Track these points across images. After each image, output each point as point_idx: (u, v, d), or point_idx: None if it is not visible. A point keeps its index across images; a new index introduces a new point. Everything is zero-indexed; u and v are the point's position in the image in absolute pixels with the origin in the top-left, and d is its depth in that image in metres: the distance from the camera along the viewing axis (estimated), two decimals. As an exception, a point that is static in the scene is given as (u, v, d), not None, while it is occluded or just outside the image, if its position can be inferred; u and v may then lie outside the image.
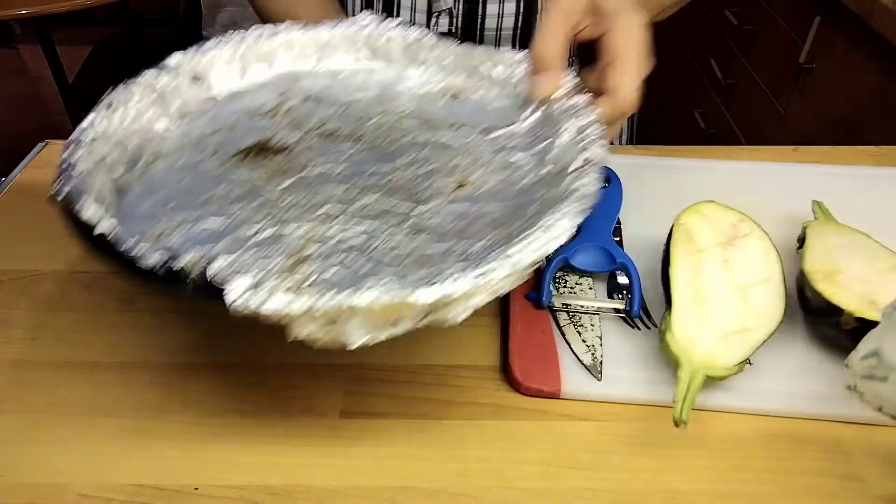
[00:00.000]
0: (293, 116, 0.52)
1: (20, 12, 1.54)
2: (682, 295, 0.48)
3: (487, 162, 0.48)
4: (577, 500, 0.41)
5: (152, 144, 0.49)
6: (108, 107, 0.48)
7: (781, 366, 0.48)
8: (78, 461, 0.43)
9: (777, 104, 1.51)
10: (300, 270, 0.38)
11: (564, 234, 0.37)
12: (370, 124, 0.52)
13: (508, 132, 0.50)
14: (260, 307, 0.33)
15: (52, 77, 1.91)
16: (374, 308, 0.33)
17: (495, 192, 0.45)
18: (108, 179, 0.44)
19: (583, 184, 0.40)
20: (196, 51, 0.54)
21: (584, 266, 0.54)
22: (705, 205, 0.54)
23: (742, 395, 0.46)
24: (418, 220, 0.43)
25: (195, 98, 0.53)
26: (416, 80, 0.56)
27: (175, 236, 0.41)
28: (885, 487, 0.42)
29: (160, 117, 0.51)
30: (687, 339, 0.45)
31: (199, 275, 0.34)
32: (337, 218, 0.43)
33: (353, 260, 0.40)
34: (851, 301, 0.46)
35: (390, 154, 0.49)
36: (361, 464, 0.43)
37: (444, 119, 0.52)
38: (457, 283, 0.34)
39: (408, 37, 0.56)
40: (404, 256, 0.40)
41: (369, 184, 0.46)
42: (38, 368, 0.49)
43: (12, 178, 0.67)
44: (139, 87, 0.50)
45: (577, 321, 0.51)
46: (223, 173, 0.47)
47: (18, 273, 0.56)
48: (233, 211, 0.43)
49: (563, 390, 0.46)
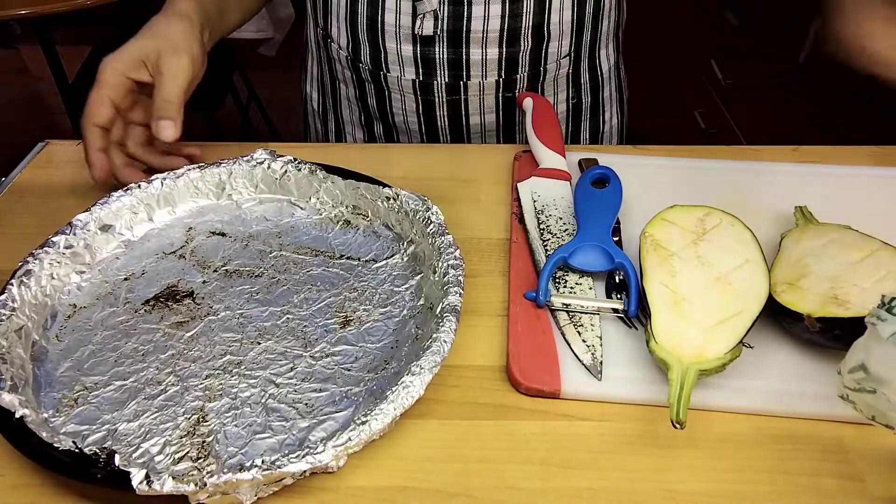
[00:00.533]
0: (199, 256, 0.57)
1: (20, 12, 1.54)
2: (659, 301, 0.48)
3: (371, 295, 0.53)
4: (577, 500, 0.41)
5: (69, 298, 0.53)
6: (25, 275, 0.51)
7: (780, 366, 0.48)
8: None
9: (777, 104, 1.51)
10: (199, 432, 0.44)
11: (418, 393, 0.42)
12: (269, 258, 0.57)
13: (391, 263, 0.56)
14: (159, 490, 0.38)
15: (52, 77, 1.90)
16: (256, 481, 0.38)
17: (375, 329, 0.50)
18: (26, 351, 0.48)
19: (439, 335, 0.45)
20: (100, 205, 0.57)
21: (582, 265, 0.54)
22: (668, 211, 0.54)
23: (741, 395, 0.46)
24: (306, 366, 0.48)
25: (106, 246, 0.57)
26: (311, 210, 0.61)
27: (87, 405, 0.45)
28: (885, 487, 0.42)
29: (74, 272, 0.55)
30: (672, 341, 0.45)
31: (105, 467, 0.39)
32: (234, 370, 0.48)
33: (248, 414, 0.45)
34: (811, 303, 0.46)
35: (285, 292, 0.54)
36: (361, 464, 0.43)
37: (336, 249, 0.57)
38: (321, 455, 0.39)
39: (301, 170, 0.61)
40: (291, 405, 0.45)
41: (266, 326, 0.51)
42: (37, 368, 0.49)
43: (12, 178, 0.68)
44: (51, 249, 0.53)
45: (577, 321, 0.51)
46: (134, 324, 0.51)
47: (18, 273, 0.56)
48: (141, 369, 0.48)
49: (562, 390, 0.46)
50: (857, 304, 0.45)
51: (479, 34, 0.70)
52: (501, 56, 0.72)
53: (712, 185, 0.63)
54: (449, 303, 0.48)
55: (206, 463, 0.42)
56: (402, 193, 0.57)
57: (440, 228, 0.54)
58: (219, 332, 0.50)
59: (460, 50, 0.71)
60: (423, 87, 0.74)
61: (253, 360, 0.48)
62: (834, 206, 0.58)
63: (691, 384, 0.43)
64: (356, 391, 0.46)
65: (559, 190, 0.62)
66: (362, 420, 0.41)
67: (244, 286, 0.54)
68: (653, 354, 0.46)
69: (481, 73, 0.73)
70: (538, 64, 0.73)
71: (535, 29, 0.70)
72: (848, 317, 0.44)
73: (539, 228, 0.58)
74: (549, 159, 0.64)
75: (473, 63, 0.72)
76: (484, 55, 0.71)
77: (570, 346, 0.49)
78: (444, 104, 0.75)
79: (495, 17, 0.69)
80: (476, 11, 0.69)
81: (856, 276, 0.47)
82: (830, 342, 0.46)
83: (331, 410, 0.45)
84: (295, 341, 0.50)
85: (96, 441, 0.43)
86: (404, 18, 0.70)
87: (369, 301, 0.53)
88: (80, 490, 0.42)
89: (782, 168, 0.67)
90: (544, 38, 0.72)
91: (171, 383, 0.47)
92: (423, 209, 0.56)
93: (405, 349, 0.49)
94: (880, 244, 0.50)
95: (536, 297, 0.52)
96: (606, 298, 0.53)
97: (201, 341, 0.50)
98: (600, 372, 0.47)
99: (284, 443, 0.43)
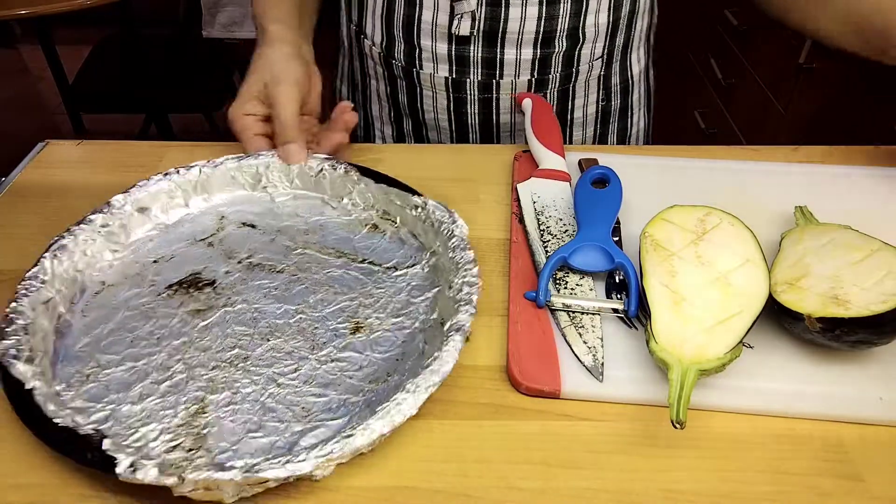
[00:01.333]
0: (227, 245, 0.58)
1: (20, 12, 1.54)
2: (659, 301, 0.48)
3: (386, 304, 0.53)
4: (577, 500, 0.41)
5: (99, 275, 0.54)
6: (59, 249, 0.52)
7: (780, 366, 0.48)
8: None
9: (777, 104, 1.51)
10: (196, 423, 0.44)
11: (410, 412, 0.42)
12: (293, 254, 0.57)
13: (411, 273, 0.55)
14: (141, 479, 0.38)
15: (52, 77, 1.91)
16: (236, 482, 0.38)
17: (384, 339, 0.50)
18: (50, 323, 0.49)
19: (441, 354, 0.45)
20: (138, 188, 0.58)
21: (582, 265, 0.54)
22: (668, 211, 0.54)
23: (741, 395, 0.46)
24: (310, 368, 0.48)
25: (141, 227, 0.58)
26: (342, 210, 0.61)
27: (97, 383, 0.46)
28: (885, 487, 0.42)
29: (108, 250, 0.56)
30: (671, 341, 0.45)
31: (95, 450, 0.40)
32: (240, 365, 0.48)
33: (246, 411, 0.45)
34: (812, 303, 0.46)
35: (303, 291, 0.54)
36: (361, 464, 0.43)
37: (359, 253, 0.57)
38: (302, 463, 0.39)
39: (337, 170, 0.61)
40: (288, 407, 0.45)
41: (278, 324, 0.51)
42: (38, 368, 0.49)
43: (12, 178, 0.68)
44: (87, 226, 0.55)
45: (578, 322, 0.51)
46: (155, 307, 0.52)
47: (18, 273, 0.56)
48: (153, 353, 0.49)
49: (562, 390, 0.46)
50: (857, 304, 0.45)
51: (515, 35, 0.70)
52: (535, 57, 0.72)
53: (712, 185, 0.63)
54: (457, 321, 0.47)
55: (196, 455, 0.42)
56: (429, 203, 0.57)
57: (462, 243, 0.53)
58: (232, 324, 0.51)
59: (495, 50, 0.71)
60: (455, 84, 0.74)
61: (259, 357, 0.49)
62: (834, 206, 0.58)
63: (691, 384, 0.43)
64: (354, 400, 0.46)
65: (559, 191, 0.62)
66: (348, 433, 0.40)
67: (264, 281, 0.54)
68: (653, 354, 0.46)
69: (514, 72, 0.73)
70: (571, 65, 0.74)
71: (570, 31, 0.71)
72: (849, 317, 0.44)
73: (539, 230, 0.58)
74: (549, 160, 0.64)
75: (507, 63, 0.72)
76: (518, 55, 0.72)
77: (571, 347, 0.49)
78: (475, 101, 0.76)
79: (532, 19, 0.70)
80: (513, 13, 0.69)
81: (856, 276, 0.47)
82: (831, 342, 0.46)
83: (325, 417, 0.45)
84: (303, 342, 0.50)
85: (98, 420, 0.44)
86: (441, 17, 0.70)
87: (383, 309, 0.52)
88: (80, 490, 0.42)
89: (782, 168, 0.67)
90: (579, 41, 0.72)
91: (179, 371, 0.47)
92: (448, 221, 0.55)
93: (409, 363, 0.48)
94: (881, 244, 0.50)
95: (536, 297, 0.52)
96: (606, 298, 0.53)
97: (214, 332, 0.50)
98: (601, 373, 0.47)
99: (275, 445, 0.43)
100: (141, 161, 0.69)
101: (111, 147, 0.71)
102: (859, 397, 0.46)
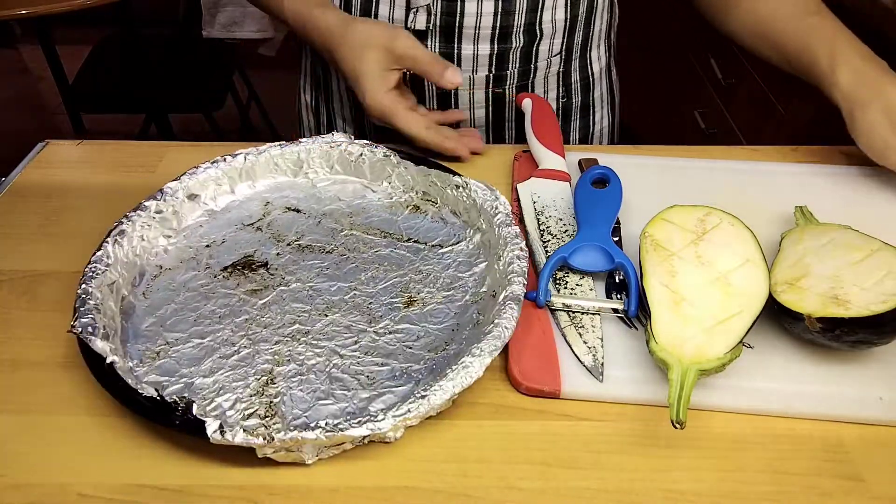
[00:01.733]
0: (275, 229, 0.60)
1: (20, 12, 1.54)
2: (659, 301, 0.48)
3: (435, 279, 0.55)
4: (577, 500, 0.41)
5: (156, 259, 0.57)
6: (119, 234, 0.55)
7: (780, 366, 0.48)
8: (78, 461, 0.43)
9: (777, 104, 1.51)
10: (268, 392, 0.46)
11: (476, 374, 0.44)
12: (340, 235, 0.59)
13: (456, 250, 0.57)
14: (230, 440, 0.41)
15: (52, 77, 1.90)
16: (319, 441, 0.41)
17: (437, 311, 0.52)
18: (116, 305, 0.51)
19: (501, 321, 0.47)
20: (188, 175, 0.60)
21: (582, 265, 0.54)
22: (667, 211, 0.54)
23: (741, 395, 0.46)
24: (370, 340, 0.50)
25: (192, 214, 0.60)
26: (382, 193, 0.63)
27: (168, 359, 0.49)
28: (885, 487, 0.42)
29: (162, 235, 0.58)
30: (672, 342, 0.45)
31: (183, 415, 0.42)
32: (302, 339, 0.50)
33: (313, 381, 0.47)
34: (812, 303, 0.46)
35: (354, 269, 0.56)
36: (361, 464, 0.43)
37: (404, 233, 0.59)
38: (381, 423, 0.41)
39: (376, 154, 0.63)
40: (353, 376, 0.48)
41: (334, 300, 0.53)
42: (38, 368, 0.49)
43: (12, 178, 0.68)
44: (143, 212, 0.57)
45: (578, 322, 0.51)
46: (213, 288, 0.54)
47: (18, 273, 0.56)
48: (217, 330, 0.51)
49: (562, 390, 0.46)
50: (857, 304, 0.45)
51: (472, 30, 0.70)
52: (493, 52, 0.72)
53: (712, 185, 0.63)
54: (512, 291, 0.49)
55: (272, 421, 0.44)
56: (471, 182, 0.59)
57: (507, 219, 0.55)
58: (289, 301, 0.53)
59: (452, 45, 0.71)
60: (413, 80, 0.74)
61: (320, 331, 0.51)
62: (834, 206, 0.58)
63: (691, 384, 0.43)
64: (416, 368, 0.48)
65: (559, 191, 0.62)
66: (422, 394, 0.43)
67: (315, 261, 0.57)
68: (653, 355, 0.46)
69: (472, 67, 0.73)
70: (529, 61, 0.74)
71: (527, 27, 0.71)
72: (849, 317, 0.44)
73: (539, 230, 0.58)
74: (549, 160, 0.64)
75: (465, 58, 0.72)
76: (476, 51, 0.72)
77: (571, 347, 0.49)
78: (434, 97, 0.76)
79: (488, 14, 0.70)
80: (469, 8, 0.69)
81: (856, 277, 0.47)
82: (831, 342, 0.46)
83: (391, 384, 0.47)
84: (360, 316, 0.52)
85: (175, 391, 0.46)
86: (398, 12, 0.71)
87: (433, 284, 0.54)
88: (80, 489, 0.42)
89: (782, 168, 0.67)
90: (536, 37, 0.72)
91: (244, 345, 0.50)
92: (491, 199, 0.57)
93: (466, 333, 0.50)
94: (881, 244, 0.50)
95: (536, 297, 0.52)
96: (606, 298, 0.53)
97: (273, 309, 0.52)
98: (602, 374, 0.47)
99: (345, 410, 0.45)
100: (141, 161, 0.69)
101: (111, 147, 0.71)
102: (859, 397, 0.46)
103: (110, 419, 0.45)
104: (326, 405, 0.46)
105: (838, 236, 0.52)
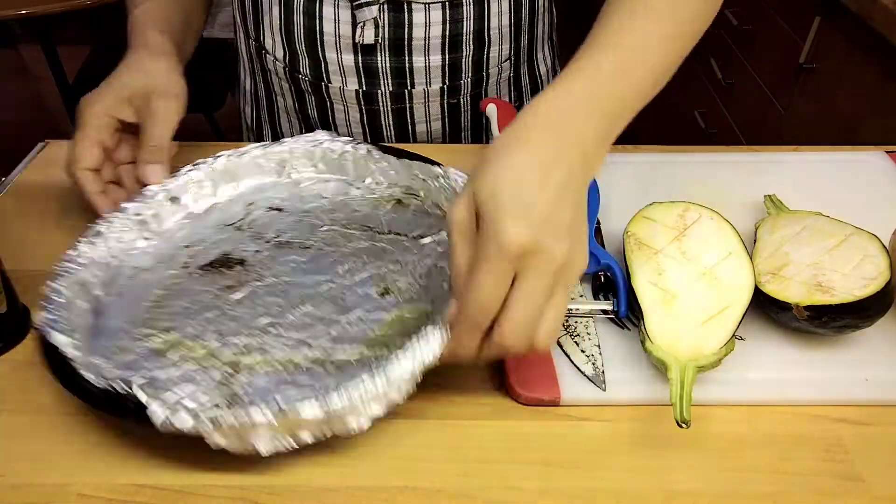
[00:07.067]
0: (255, 228, 0.59)
1: (20, 12, 1.54)
2: (650, 300, 0.48)
3: (414, 268, 0.54)
4: (577, 500, 0.41)
5: (133, 260, 0.56)
6: (94, 235, 0.54)
7: (772, 356, 0.48)
8: (78, 461, 0.43)
9: (777, 104, 1.51)
10: (230, 383, 0.46)
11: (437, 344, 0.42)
12: (321, 232, 0.58)
13: (437, 239, 0.56)
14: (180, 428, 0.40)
15: (52, 77, 1.90)
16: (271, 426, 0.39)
17: (413, 299, 0.51)
18: (87, 304, 0.51)
19: None
20: (171, 178, 0.60)
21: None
22: (647, 209, 0.54)
23: (737, 388, 0.46)
24: (341, 330, 0.49)
25: (173, 216, 0.60)
26: (365, 189, 0.63)
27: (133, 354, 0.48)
28: (885, 487, 0.42)
29: (141, 237, 0.58)
30: (667, 340, 0.45)
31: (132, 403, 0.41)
32: (272, 331, 0.49)
33: (279, 371, 0.46)
34: (797, 292, 0.47)
35: (331, 263, 0.55)
36: (362, 464, 0.43)
37: (385, 226, 0.59)
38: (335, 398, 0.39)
39: (359, 150, 0.62)
40: (320, 365, 0.47)
41: (308, 293, 0.52)
42: (38, 368, 0.49)
43: (12, 178, 0.68)
44: (121, 214, 0.57)
45: (574, 331, 0.50)
46: (187, 286, 0.54)
47: (18, 273, 0.56)
48: (186, 325, 0.50)
49: (562, 398, 0.46)
50: (841, 289, 0.46)
51: (422, 41, 0.69)
52: (444, 63, 0.71)
53: (681, 179, 0.63)
54: None
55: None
56: (450, 171, 0.58)
57: None
58: (263, 296, 0.53)
59: (403, 58, 0.70)
60: (366, 97, 0.72)
61: (291, 324, 0.50)
62: (801, 193, 0.58)
63: (691, 381, 0.43)
64: (387, 355, 0.46)
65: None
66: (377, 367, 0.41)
67: (293, 256, 0.56)
68: (649, 354, 0.46)
69: (425, 80, 0.72)
70: (480, 69, 0.73)
71: (475, 34, 0.70)
72: (835, 303, 0.45)
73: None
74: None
75: (417, 70, 0.71)
76: (427, 62, 0.70)
77: (569, 358, 0.48)
78: (389, 113, 0.74)
79: (436, 24, 0.68)
80: (417, 18, 0.68)
81: (835, 262, 0.48)
82: (818, 329, 0.47)
83: (359, 371, 0.44)
84: (333, 307, 0.51)
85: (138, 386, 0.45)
86: (343, 27, 0.68)
87: (411, 274, 0.54)
88: (79, 489, 0.42)
89: (745, 158, 0.67)
90: (485, 44, 0.71)
91: (213, 339, 0.49)
92: None
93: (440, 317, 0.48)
94: (853, 229, 0.50)
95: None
96: (595, 300, 0.53)
97: (246, 304, 0.52)
98: (604, 382, 0.47)
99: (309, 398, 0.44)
100: (141, 161, 0.69)
101: (111, 147, 0.71)
102: (847, 379, 0.46)
103: (110, 419, 0.45)
104: (290, 394, 0.45)
105: (811, 223, 0.52)
